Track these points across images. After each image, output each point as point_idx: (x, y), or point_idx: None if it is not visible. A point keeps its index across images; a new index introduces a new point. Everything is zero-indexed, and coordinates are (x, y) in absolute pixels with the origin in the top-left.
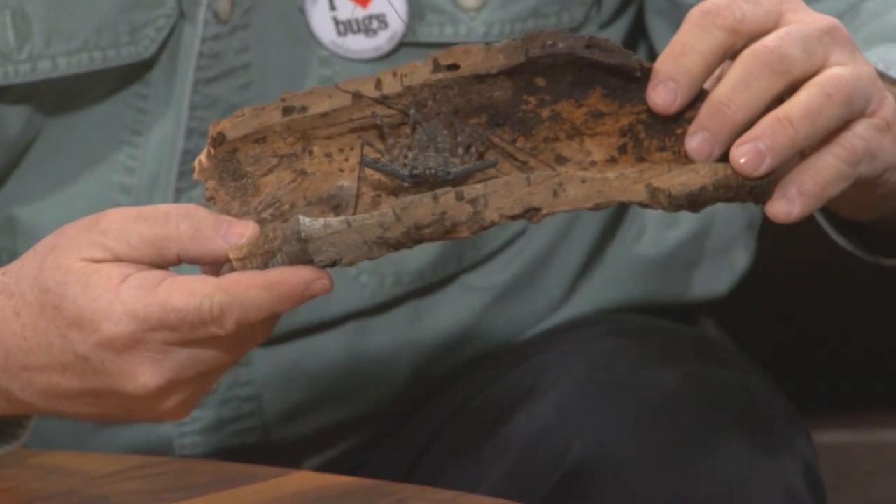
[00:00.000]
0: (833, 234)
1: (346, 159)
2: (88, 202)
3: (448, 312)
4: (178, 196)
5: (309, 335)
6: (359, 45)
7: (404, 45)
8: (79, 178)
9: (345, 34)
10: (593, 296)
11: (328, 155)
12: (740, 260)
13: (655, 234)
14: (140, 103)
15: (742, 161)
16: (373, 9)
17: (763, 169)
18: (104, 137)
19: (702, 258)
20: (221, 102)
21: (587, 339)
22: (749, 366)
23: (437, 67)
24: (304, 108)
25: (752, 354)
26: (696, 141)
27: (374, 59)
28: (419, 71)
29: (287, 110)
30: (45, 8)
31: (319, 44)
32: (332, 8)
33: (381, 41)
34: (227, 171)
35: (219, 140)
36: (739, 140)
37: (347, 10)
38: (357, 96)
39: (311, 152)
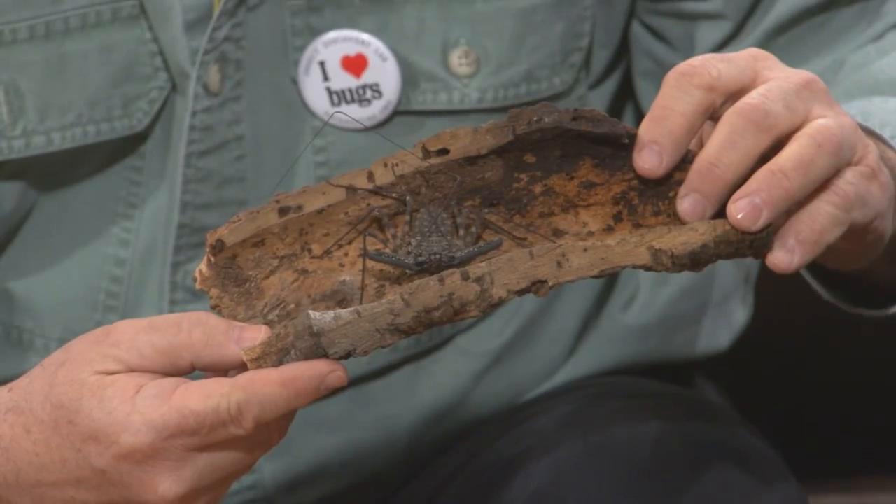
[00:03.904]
0: (816, 287)
1: (346, 254)
2: (83, 275)
3: (445, 377)
4: (175, 270)
5: (308, 404)
6: (353, 114)
7: (398, 113)
8: (73, 251)
9: (338, 104)
10: (592, 358)
11: (327, 252)
12: (738, 314)
13: (649, 293)
14: (134, 176)
15: (739, 216)
16: (366, 78)
17: (761, 223)
18: (98, 211)
19: (700, 314)
20: (215, 175)
21: (582, 403)
22: (746, 429)
23: (426, 154)
24: (299, 207)
25: (751, 416)
26: (687, 203)
27: (369, 129)
28: (410, 159)
29: (283, 211)
30: (38, 83)
31: (313, 114)
32: (326, 78)
33: (376, 110)
34: (229, 277)
35: (218, 247)
36: (735, 196)
37: (341, 80)
38: (351, 190)
39: (310, 251)
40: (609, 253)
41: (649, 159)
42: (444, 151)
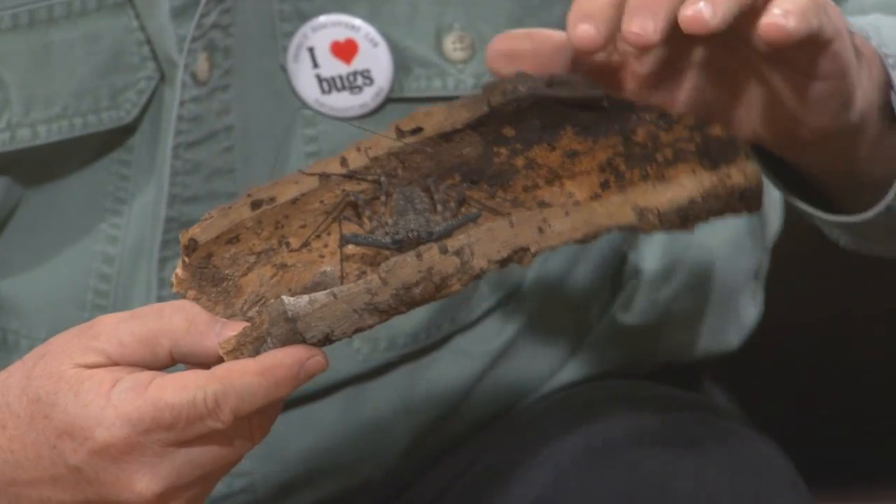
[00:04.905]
0: (802, 206)
1: (325, 245)
2: (70, 273)
3: (443, 378)
4: (163, 265)
5: (302, 404)
6: (344, 102)
7: (391, 100)
8: (61, 249)
9: (329, 92)
10: (593, 358)
11: (305, 244)
12: (748, 311)
13: (649, 291)
14: (122, 170)
15: (693, 12)
16: (356, 65)
17: (719, 15)
18: (86, 206)
19: (705, 311)
20: (203, 167)
21: (584, 407)
22: (754, 433)
23: (400, 134)
24: (272, 199)
25: (762, 420)
26: (635, 24)
27: (361, 117)
28: (383, 141)
29: (255, 204)
30: (22, 74)
31: (303, 103)
32: (315, 65)
33: (367, 98)
34: (206, 277)
35: (191, 247)
36: (683, 6)
37: (331, 66)
38: (324, 176)
39: (287, 244)
40: (592, 215)
41: (583, 33)
42: (418, 131)
